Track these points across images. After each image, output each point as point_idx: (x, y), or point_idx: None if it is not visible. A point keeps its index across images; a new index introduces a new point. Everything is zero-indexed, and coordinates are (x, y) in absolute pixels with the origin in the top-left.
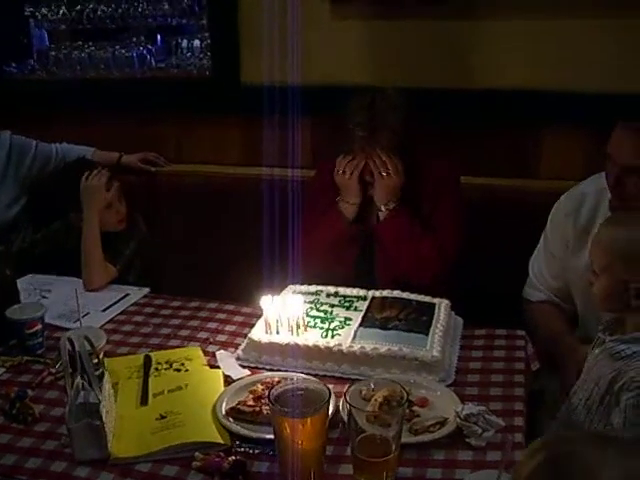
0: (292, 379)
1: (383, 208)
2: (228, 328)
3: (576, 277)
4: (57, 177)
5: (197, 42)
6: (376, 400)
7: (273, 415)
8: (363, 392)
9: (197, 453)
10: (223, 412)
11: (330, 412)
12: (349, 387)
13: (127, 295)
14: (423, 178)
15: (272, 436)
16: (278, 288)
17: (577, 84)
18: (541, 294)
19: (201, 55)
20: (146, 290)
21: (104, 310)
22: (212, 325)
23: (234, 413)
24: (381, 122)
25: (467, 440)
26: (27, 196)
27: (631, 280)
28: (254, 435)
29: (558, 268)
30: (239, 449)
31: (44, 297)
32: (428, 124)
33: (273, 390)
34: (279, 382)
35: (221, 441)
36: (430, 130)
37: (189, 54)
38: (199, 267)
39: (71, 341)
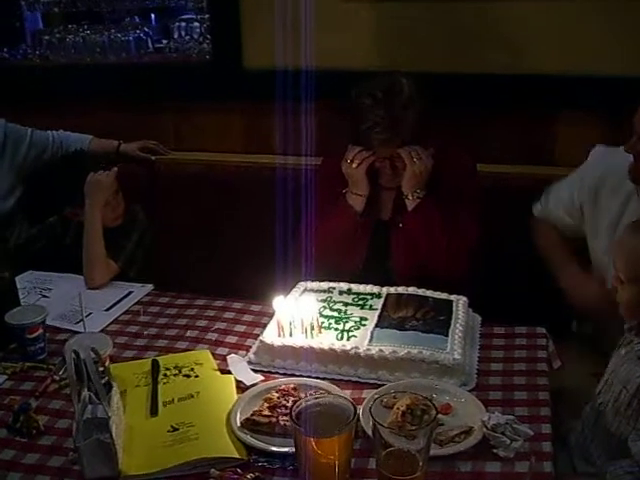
0: (310, 389)
1: (410, 197)
2: (237, 328)
3: (591, 239)
4: (53, 170)
5: (196, 25)
6: (398, 409)
7: (295, 433)
8: (384, 400)
9: (213, 470)
10: (238, 423)
11: None
12: (375, 398)
13: (130, 293)
14: (442, 168)
15: (290, 449)
16: (287, 284)
17: (593, 67)
18: (544, 214)
19: (201, 39)
20: (150, 287)
21: (107, 310)
22: (221, 325)
23: (249, 424)
24: (398, 121)
25: (494, 451)
26: (23, 187)
27: None
28: (272, 449)
29: (572, 206)
30: (257, 464)
31: (44, 296)
32: (439, 109)
33: (294, 407)
34: (295, 389)
35: (237, 456)
36: (441, 115)
37: (188, 37)
38: (202, 260)
39: (76, 351)
